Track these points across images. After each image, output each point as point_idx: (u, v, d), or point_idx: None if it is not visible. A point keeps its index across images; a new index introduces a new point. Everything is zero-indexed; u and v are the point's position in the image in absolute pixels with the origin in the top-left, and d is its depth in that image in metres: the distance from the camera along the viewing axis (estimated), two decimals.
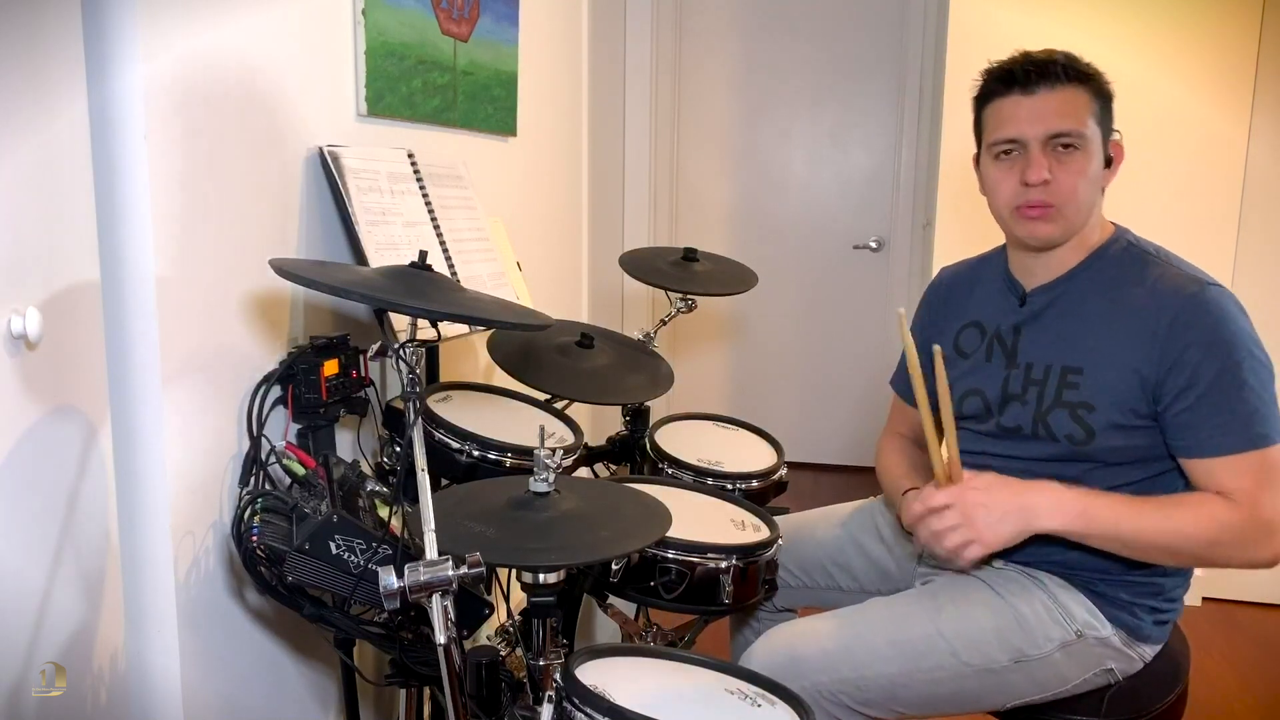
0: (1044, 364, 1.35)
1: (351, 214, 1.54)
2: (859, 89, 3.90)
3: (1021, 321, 1.39)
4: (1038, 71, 1.27)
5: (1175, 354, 1.23)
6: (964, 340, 1.47)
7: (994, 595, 1.34)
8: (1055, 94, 1.27)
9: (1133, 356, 1.27)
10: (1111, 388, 1.28)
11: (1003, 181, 1.33)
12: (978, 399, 1.41)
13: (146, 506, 1.28)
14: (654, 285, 2.00)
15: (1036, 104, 1.28)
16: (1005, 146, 1.31)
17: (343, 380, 1.46)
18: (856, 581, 1.59)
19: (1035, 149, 1.28)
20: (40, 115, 1.10)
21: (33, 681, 1.12)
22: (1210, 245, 2.69)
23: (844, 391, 4.09)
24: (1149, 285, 1.29)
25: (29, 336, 1.07)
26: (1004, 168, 1.32)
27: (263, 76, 1.44)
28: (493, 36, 2.14)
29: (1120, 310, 1.30)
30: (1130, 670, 1.35)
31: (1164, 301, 1.26)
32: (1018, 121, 1.29)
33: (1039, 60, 1.28)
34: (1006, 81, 1.30)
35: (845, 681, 1.29)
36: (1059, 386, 1.32)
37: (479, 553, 1.01)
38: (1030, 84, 1.28)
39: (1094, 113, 1.29)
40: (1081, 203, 1.30)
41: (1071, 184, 1.28)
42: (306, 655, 1.60)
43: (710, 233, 4.05)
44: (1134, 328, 1.28)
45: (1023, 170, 1.29)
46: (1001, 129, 1.31)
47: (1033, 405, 1.34)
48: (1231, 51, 2.61)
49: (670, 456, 1.76)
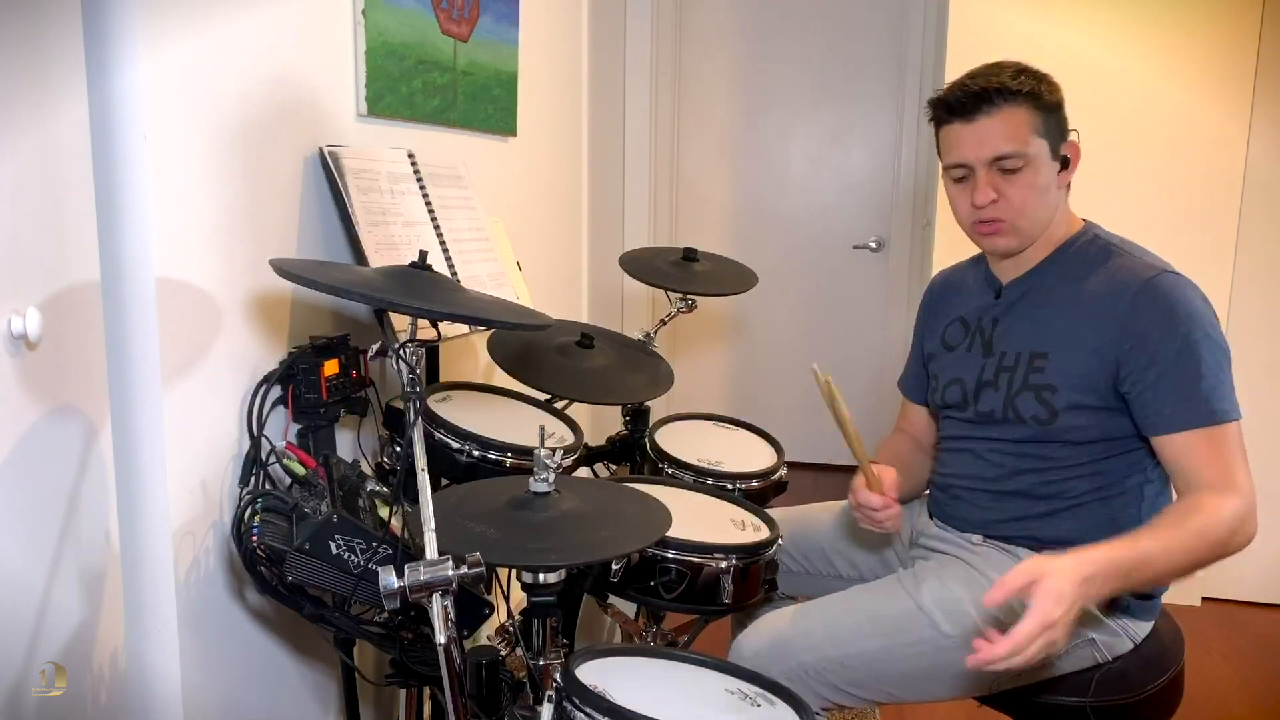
0: (1015, 351, 1.42)
1: (351, 214, 1.54)
2: (859, 89, 3.90)
3: (999, 314, 1.46)
4: (973, 100, 1.32)
5: (1135, 334, 1.29)
6: (950, 334, 1.54)
7: (972, 570, 1.40)
8: (994, 119, 1.32)
9: (1092, 338, 1.33)
10: (1072, 369, 1.34)
11: (958, 200, 1.40)
12: (958, 388, 1.49)
13: (146, 506, 1.28)
14: (654, 285, 2.00)
15: (977, 130, 1.33)
16: (956, 172, 1.38)
17: (343, 380, 1.46)
18: (856, 570, 1.62)
19: (981, 172, 1.34)
20: (41, 115, 1.10)
21: (33, 681, 1.12)
22: (1210, 245, 2.69)
23: (844, 391, 4.07)
24: (1111, 273, 1.35)
25: (29, 336, 1.07)
26: (958, 189, 1.39)
27: (263, 76, 1.44)
28: (493, 36, 2.14)
29: (1083, 296, 1.36)
30: (1119, 650, 1.37)
31: (1123, 286, 1.32)
32: (962, 148, 1.35)
33: (974, 90, 1.33)
34: (949, 110, 1.36)
35: (830, 660, 1.33)
36: (1026, 371, 1.39)
37: (479, 553, 1.01)
38: (968, 112, 1.33)
39: (1036, 127, 1.33)
40: (1032, 214, 1.36)
41: (1020, 199, 1.34)
42: (306, 655, 1.60)
43: (710, 233, 4.05)
44: (1095, 311, 1.34)
45: (972, 192, 1.36)
46: (950, 154, 1.38)
47: (1004, 391, 1.41)
48: (1231, 51, 2.61)
49: (670, 456, 1.76)
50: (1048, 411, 1.36)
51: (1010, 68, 1.35)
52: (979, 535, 1.45)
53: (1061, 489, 1.38)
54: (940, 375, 1.54)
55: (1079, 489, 1.37)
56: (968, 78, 1.36)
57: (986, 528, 1.44)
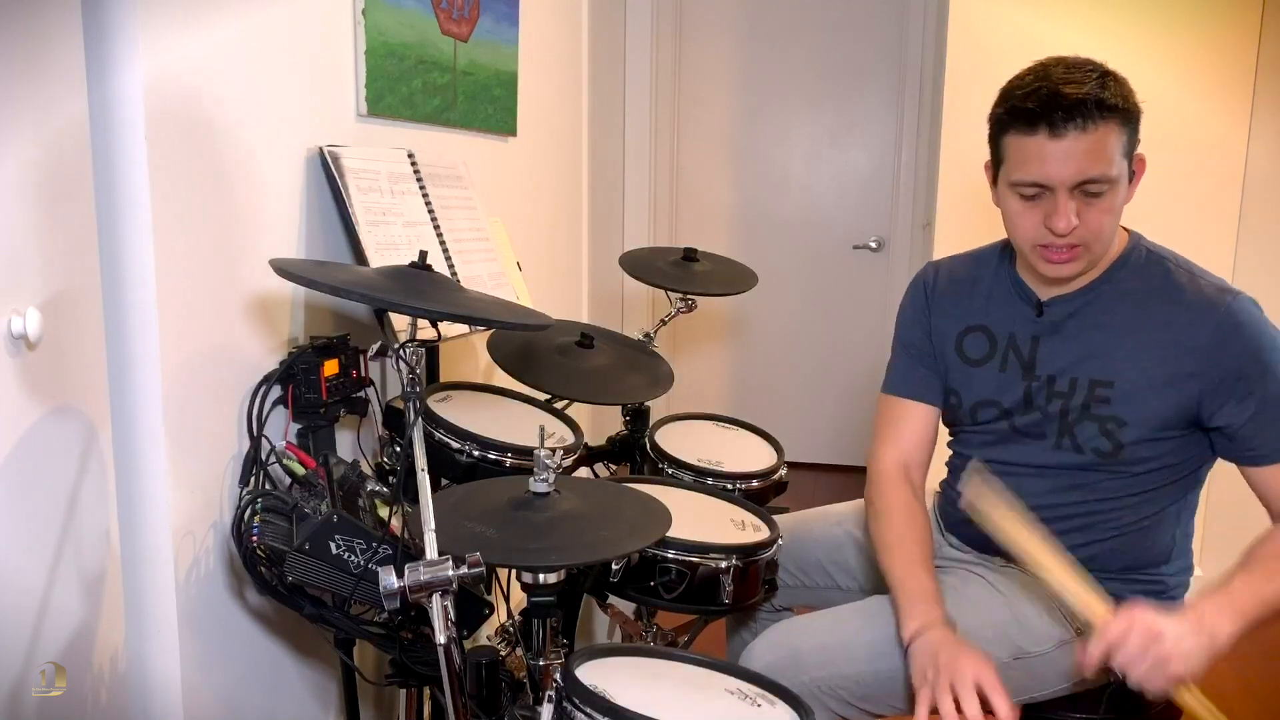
0: (1069, 376, 1.31)
1: (351, 214, 1.54)
2: (859, 89, 3.90)
3: (1040, 332, 1.34)
4: (1066, 113, 1.15)
5: (1224, 368, 1.22)
6: (969, 345, 1.41)
7: (994, 593, 1.34)
8: (1086, 136, 1.16)
9: (1166, 370, 1.25)
10: (1145, 403, 1.26)
11: (1024, 217, 1.24)
12: (993, 409, 1.38)
13: (146, 506, 1.28)
14: (654, 285, 2.00)
15: (1065, 148, 1.16)
16: (1027, 190, 1.22)
17: (343, 380, 1.46)
18: (856, 580, 1.58)
19: (1062, 195, 1.19)
20: (41, 115, 1.10)
21: (33, 681, 1.12)
22: (1210, 245, 2.69)
23: (844, 391, 4.09)
24: (1176, 296, 1.26)
25: (29, 336, 1.07)
26: (1024, 206, 1.24)
27: (263, 76, 1.44)
28: (493, 36, 2.14)
29: (1149, 322, 1.27)
30: None
31: (1198, 314, 1.24)
32: (1043, 166, 1.18)
33: (1069, 100, 1.15)
34: (1030, 120, 1.18)
35: (844, 677, 1.29)
36: (1087, 400, 1.29)
37: (479, 553, 1.01)
38: (1056, 126, 1.16)
39: (1123, 146, 1.19)
40: (1106, 238, 1.25)
41: (1098, 224, 1.22)
42: (306, 655, 1.60)
43: (710, 233, 4.04)
44: (1165, 340, 1.25)
45: (1047, 214, 1.21)
46: (1025, 170, 1.21)
47: (1056, 416, 1.32)
48: (1231, 51, 2.61)
49: (670, 456, 1.76)
50: (1113, 445, 1.28)
51: (1093, 72, 1.18)
52: (1001, 558, 1.38)
53: (1106, 519, 1.32)
54: (962, 392, 1.41)
55: (1124, 519, 1.32)
56: (1050, 81, 1.17)
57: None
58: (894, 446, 1.46)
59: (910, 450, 1.46)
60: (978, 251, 1.47)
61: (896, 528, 1.37)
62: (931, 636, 1.21)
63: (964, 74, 2.74)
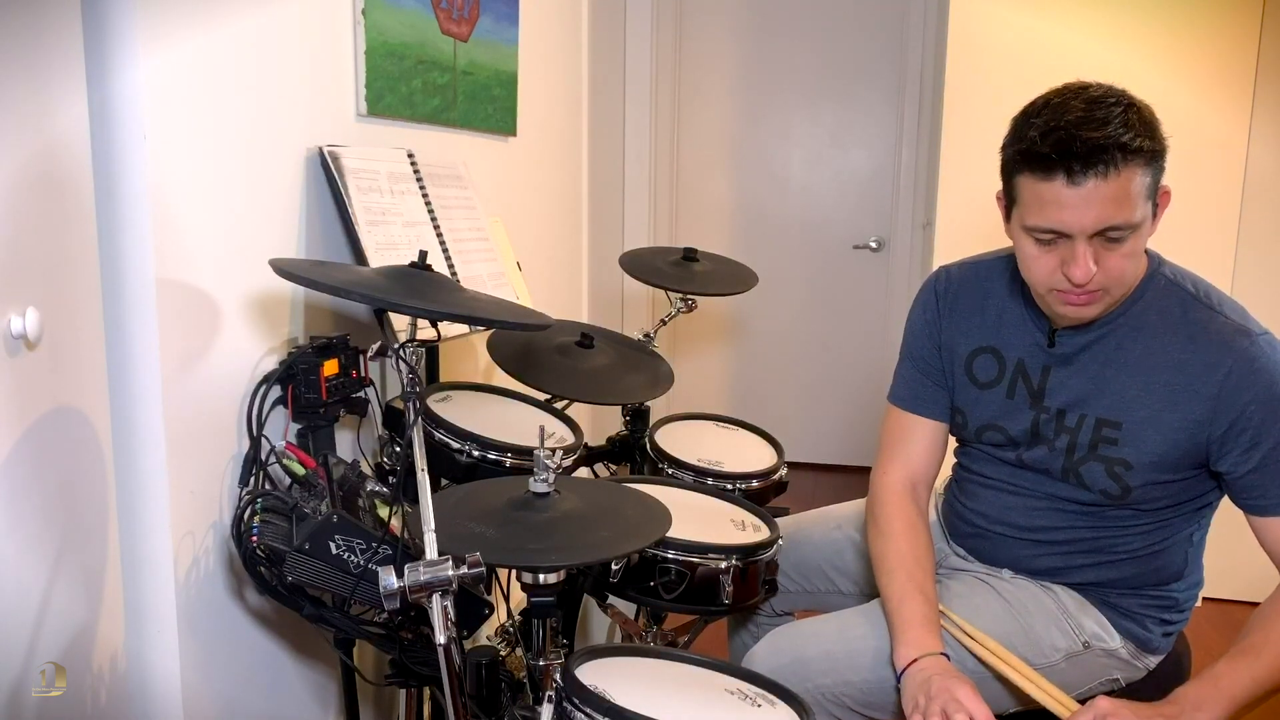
0: (1078, 412, 1.27)
1: (351, 214, 1.53)
2: (859, 89, 3.90)
3: (1050, 362, 1.29)
4: (1085, 161, 1.06)
5: (1234, 413, 1.17)
6: (979, 368, 1.36)
7: (1002, 603, 1.34)
8: (1106, 184, 1.06)
9: (1177, 415, 1.20)
10: (1153, 448, 1.22)
11: (1039, 261, 1.16)
12: (999, 434, 1.35)
13: (146, 506, 1.28)
14: (654, 285, 2.00)
15: (1084, 195, 1.07)
16: (1043, 235, 1.13)
17: (343, 380, 1.46)
18: (856, 585, 1.57)
19: (1081, 243, 1.11)
20: (40, 114, 1.10)
21: (33, 681, 1.12)
22: (1210, 245, 2.69)
23: (844, 391, 4.09)
24: (1192, 334, 1.20)
25: (29, 336, 1.07)
26: (1040, 251, 1.15)
27: (263, 76, 1.44)
28: (493, 36, 2.14)
29: (1162, 363, 1.21)
30: (1135, 678, 1.36)
31: (1213, 357, 1.18)
32: (1061, 214, 1.09)
33: (1089, 145, 1.05)
34: (1046, 166, 1.08)
35: (849, 684, 1.29)
36: (1094, 439, 1.25)
37: (479, 553, 1.01)
38: (1075, 172, 1.07)
39: (1147, 189, 1.10)
40: (1128, 281, 1.18)
41: (1119, 269, 1.14)
42: (306, 655, 1.60)
43: (710, 233, 4.04)
44: (1178, 383, 1.20)
45: (1064, 261, 1.13)
46: (1041, 216, 1.12)
47: (1062, 453, 1.28)
48: (1231, 51, 2.61)
49: (670, 456, 1.76)
50: (1120, 487, 1.25)
51: (1116, 107, 1.08)
52: (1009, 571, 1.38)
53: (1115, 544, 1.31)
54: (968, 413, 1.37)
55: (1134, 544, 1.30)
56: (1067, 122, 1.07)
57: (1017, 563, 1.36)
58: (901, 464, 1.43)
59: (917, 468, 1.43)
60: (988, 260, 1.40)
61: (898, 549, 1.34)
62: (924, 664, 1.20)
63: (964, 74, 2.73)
